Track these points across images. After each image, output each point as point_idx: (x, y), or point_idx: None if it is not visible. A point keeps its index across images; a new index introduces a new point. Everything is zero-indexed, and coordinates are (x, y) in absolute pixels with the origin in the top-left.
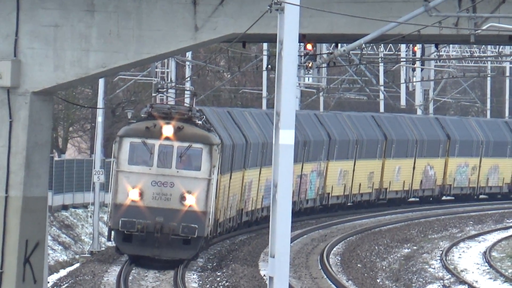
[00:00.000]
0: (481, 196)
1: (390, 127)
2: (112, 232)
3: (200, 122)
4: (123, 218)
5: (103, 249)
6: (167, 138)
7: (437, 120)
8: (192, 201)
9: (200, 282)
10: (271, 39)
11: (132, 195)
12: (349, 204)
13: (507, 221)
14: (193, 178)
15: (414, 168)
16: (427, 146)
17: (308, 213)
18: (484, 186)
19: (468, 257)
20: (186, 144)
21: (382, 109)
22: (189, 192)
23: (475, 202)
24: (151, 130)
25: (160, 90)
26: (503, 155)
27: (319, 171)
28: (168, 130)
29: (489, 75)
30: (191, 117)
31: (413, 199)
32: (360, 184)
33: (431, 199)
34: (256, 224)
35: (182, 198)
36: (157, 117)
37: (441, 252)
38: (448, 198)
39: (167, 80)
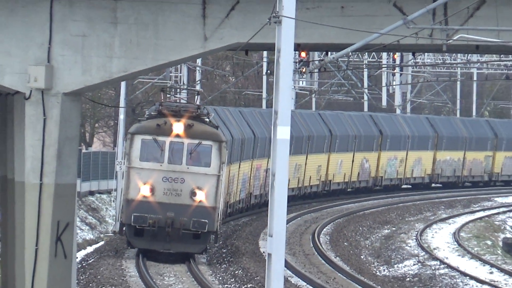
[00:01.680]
0: (404, 186)
1: (334, 124)
2: (124, 227)
3: (208, 119)
4: (135, 213)
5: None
6: (177, 135)
7: (370, 117)
8: (202, 197)
9: (208, 258)
10: (270, 48)
11: (143, 191)
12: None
13: (474, 206)
14: (203, 174)
15: (353, 161)
16: (364, 141)
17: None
18: (409, 177)
19: (440, 237)
20: (196, 141)
21: (366, 108)
22: (199, 188)
23: (444, 190)
24: (161, 128)
25: (163, 90)
26: (425, 148)
27: None
28: (178, 127)
29: (458, 80)
30: (200, 114)
31: (350, 189)
32: (310, 177)
33: (364, 189)
34: (229, 215)
35: (193, 193)
36: (168, 114)
37: (416, 232)
38: (379, 188)
39: (180, 83)
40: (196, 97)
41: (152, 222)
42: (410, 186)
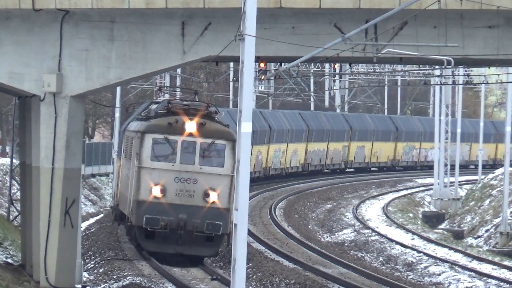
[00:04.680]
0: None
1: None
2: (133, 229)
3: (218, 118)
4: (147, 215)
5: None
6: (189, 134)
7: (261, 113)
8: (215, 198)
9: None
10: (236, 60)
11: (155, 192)
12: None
13: (399, 186)
14: (217, 174)
15: (251, 154)
16: (259, 135)
17: None
18: (288, 166)
19: (372, 210)
20: (209, 140)
21: (312, 108)
22: (212, 189)
23: (376, 173)
24: (173, 126)
25: (161, 89)
26: (300, 141)
27: None
28: (191, 126)
29: (386, 85)
30: (210, 112)
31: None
32: None
33: (257, 179)
34: None
35: (206, 195)
36: (180, 113)
37: (353, 207)
38: (265, 178)
39: (164, 87)
40: (194, 96)
41: (164, 224)
42: (286, 174)
